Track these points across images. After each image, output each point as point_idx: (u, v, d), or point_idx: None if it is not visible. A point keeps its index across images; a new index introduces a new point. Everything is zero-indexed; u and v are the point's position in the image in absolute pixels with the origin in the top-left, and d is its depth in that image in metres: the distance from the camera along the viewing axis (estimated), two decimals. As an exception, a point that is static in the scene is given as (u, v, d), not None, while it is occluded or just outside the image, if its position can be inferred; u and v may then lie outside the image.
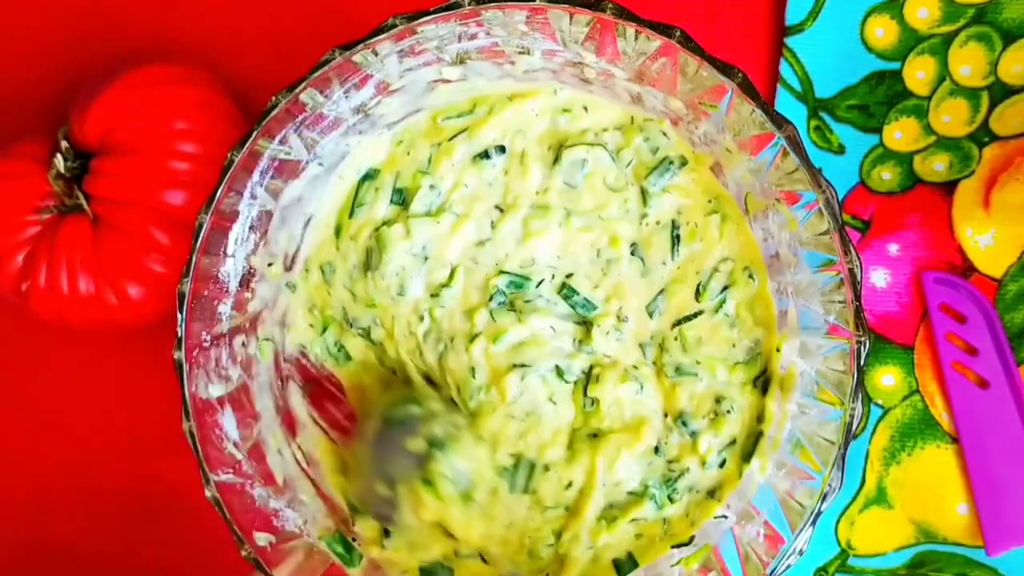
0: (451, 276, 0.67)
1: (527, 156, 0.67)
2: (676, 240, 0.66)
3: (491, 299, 0.66)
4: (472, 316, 0.67)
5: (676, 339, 0.66)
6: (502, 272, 0.66)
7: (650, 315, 0.66)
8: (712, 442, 0.66)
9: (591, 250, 0.66)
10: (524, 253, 0.66)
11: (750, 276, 0.65)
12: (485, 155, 0.67)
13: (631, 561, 0.66)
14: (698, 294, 0.66)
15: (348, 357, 0.69)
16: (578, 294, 0.66)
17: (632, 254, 0.66)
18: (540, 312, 0.66)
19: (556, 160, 0.66)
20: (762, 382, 0.65)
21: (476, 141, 0.67)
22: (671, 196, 0.66)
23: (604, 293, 0.66)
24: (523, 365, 0.67)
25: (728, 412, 0.65)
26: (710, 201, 0.66)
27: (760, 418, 0.65)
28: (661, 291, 0.66)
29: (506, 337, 0.66)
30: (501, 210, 0.67)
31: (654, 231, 0.66)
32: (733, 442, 0.65)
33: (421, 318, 0.68)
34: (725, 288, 0.66)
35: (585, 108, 0.66)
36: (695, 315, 0.66)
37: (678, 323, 0.66)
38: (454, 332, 0.67)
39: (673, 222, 0.66)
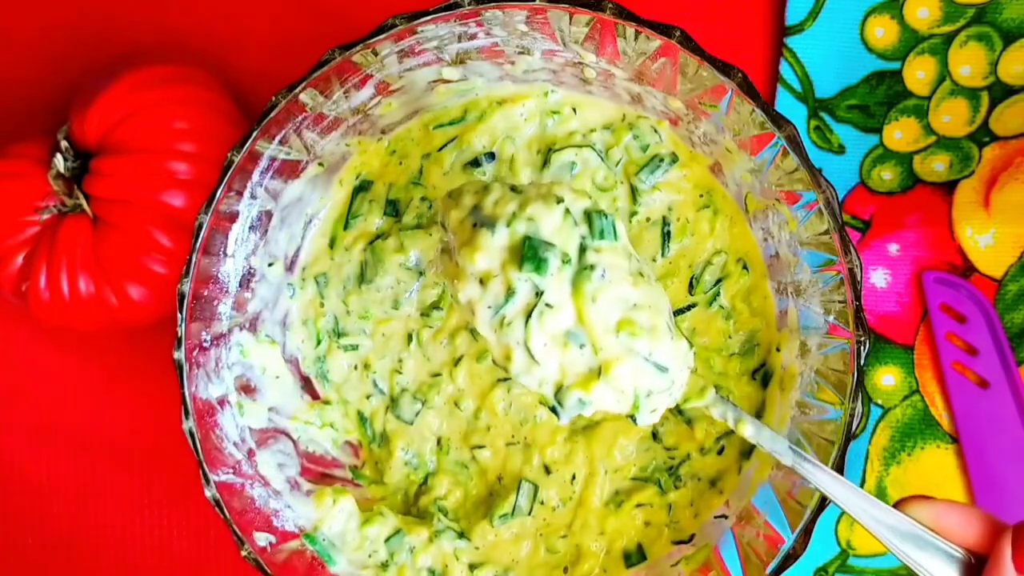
0: (441, 296, 0.67)
1: (516, 161, 0.67)
2: (666, 236, 0.66)
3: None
4: (454, 339, 0.67)
5: None
6: None
7: None
8: (709, 430, 0.66)
9: None
10: None
11: (744, 268, 0.66)
12: (475, 163, 0.67)
13: (639, 553, 0.66)
14: (691, 287, 0.66)
15: (327, 378, 0.69)
16: None
17: None
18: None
19: (545, 164, 0.66)
20: (761, 375, 0.66)
21: (467, 149, 0.67)
22: (661, 193, 0.66)
23: None
24: (506, 379, 0.67)
25: None
26: (702, 196, 0.66)
27: (760, 413, 0.65)
28: None
29: (488, 355, 0.67)
30: None
31: (644, 228, 0.66)
32: (732, 431, 0.66)
33: (409, 339, 0.68)
34: (719, 281, 0.66)
35: (574, 109, 0.66)
36: (688, 308, 0.66)
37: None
38: (439, 363, 0.68)
39: (664, 218, 0.66)
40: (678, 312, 0.66)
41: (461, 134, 0.67)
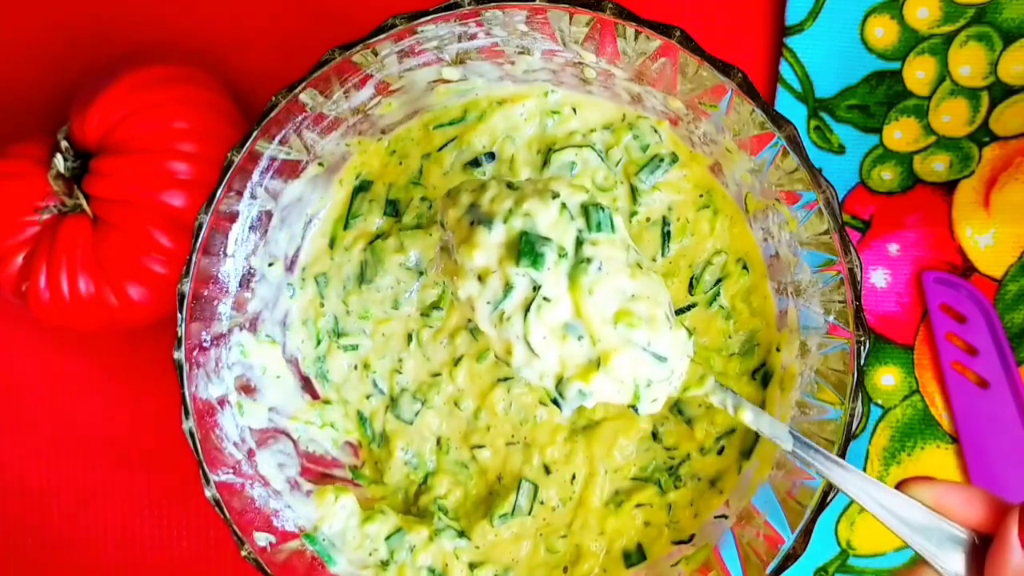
0: (441, 296, 0.67)
1: (516, 161, 0.67)
2: (666, 236, 0.66)
3: (469, 319, 0.67)
4: (454, 339, 0.67)
5: None
6: None
7: None
8: (709, 430, 0.66)
9: None
10: None
11: (744, 268, 0.66)
12: (475, 163, 0.67)
13: (639, 553, 0.66)
14: (691, 287, 0.66)
15: (327, 378, 0.69)
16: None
17: None
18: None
19: (545, 164, 0.66)
20: (761, 375, 0.66)
21: (467, 149, 0.67)
22: (661, 193, 0.66)
23: None
24: (507, 379, 0.67)
25: None
26: (702, 196, 0.66)
27: None
28: None
29: (489, 354, 0.67)
30: None
31: (644, 228, 0.66)
32: (732, 431, 0.66)
33: (409, 339, 0.68)
34: (719, 281, 0.66)
35: (574, 109, 0.66)
36: (688, 308, 0.66)
37: None
38: (439, 363, 0.68)
39: (664, 218, 0.66)
40: (678, 312, 0.66)
41: (461, 134, 0.67)
